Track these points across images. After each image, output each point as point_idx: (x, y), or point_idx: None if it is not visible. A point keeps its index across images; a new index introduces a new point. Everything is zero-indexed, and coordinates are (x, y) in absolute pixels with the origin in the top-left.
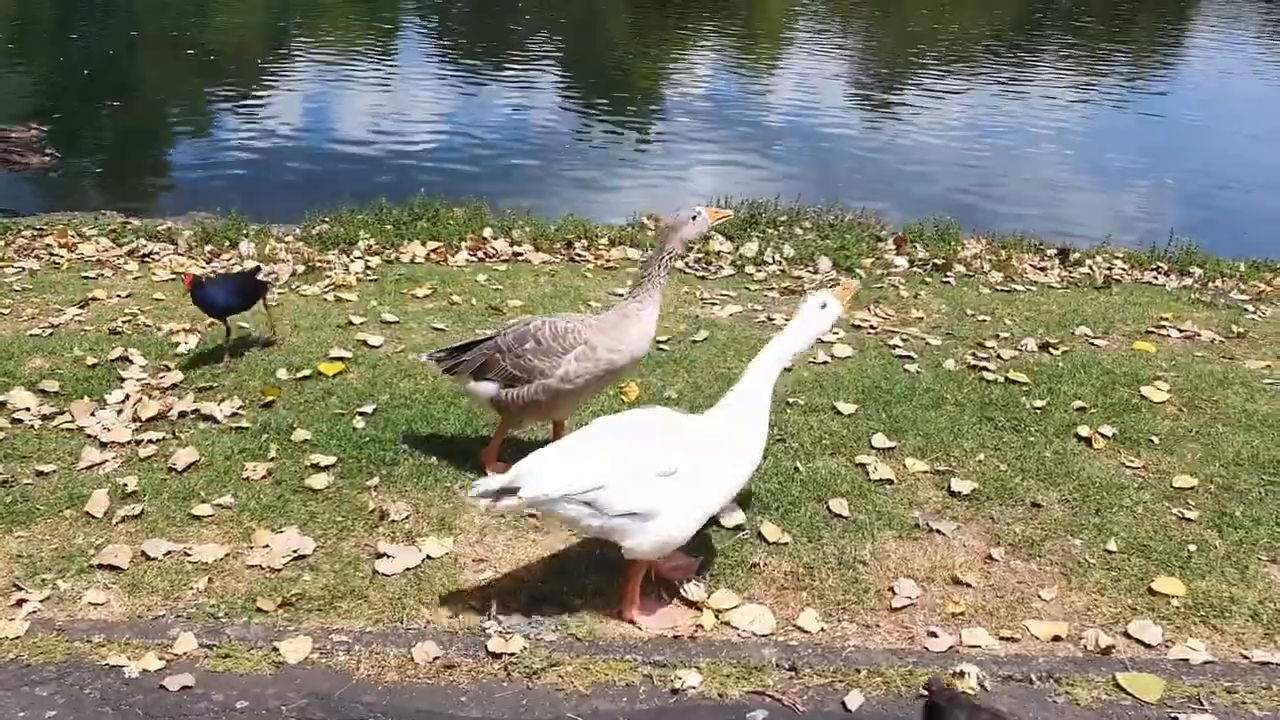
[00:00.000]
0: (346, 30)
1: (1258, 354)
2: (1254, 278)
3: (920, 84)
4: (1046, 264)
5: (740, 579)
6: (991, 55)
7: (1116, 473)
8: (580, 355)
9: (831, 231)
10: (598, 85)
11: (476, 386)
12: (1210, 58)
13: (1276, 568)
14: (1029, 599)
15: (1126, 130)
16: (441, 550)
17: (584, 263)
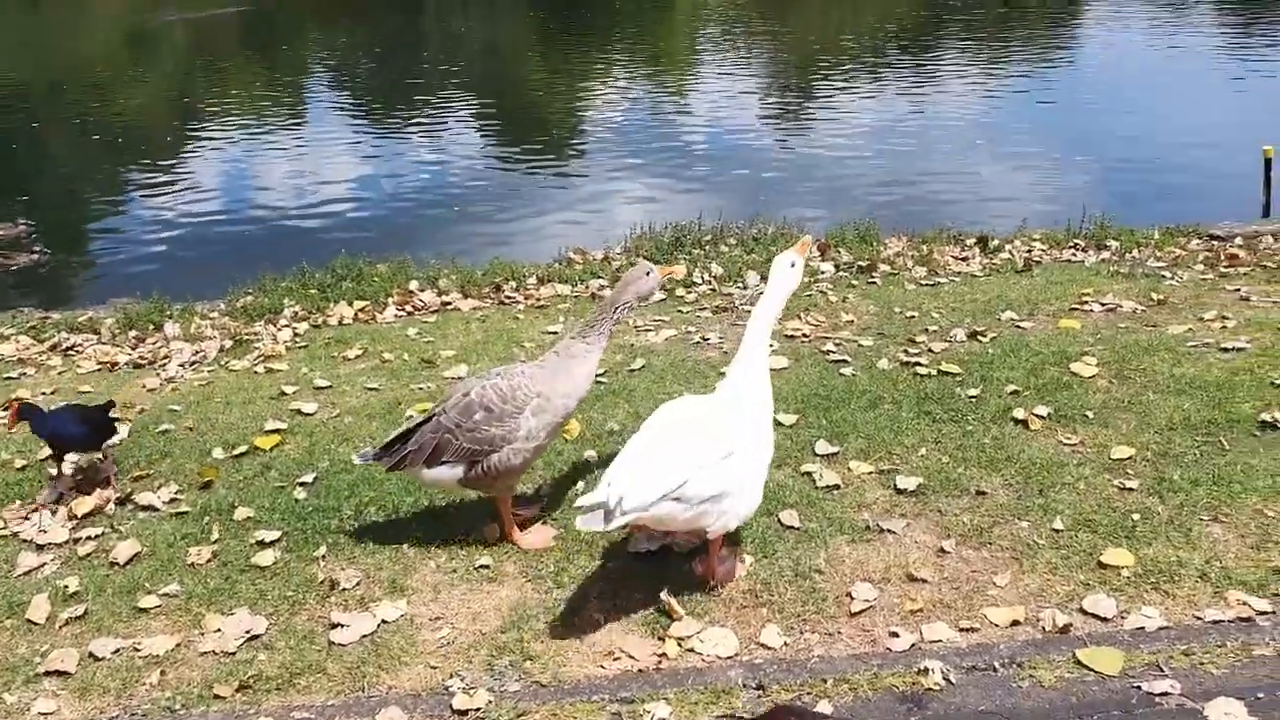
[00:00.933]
0: (251, 98)
1: (1179, 319)
2: (1168, 244)
3: (827, 93)
4: (967, 254)
5: (699, 603)
6: (891, 58)
7: (1055, 451)
8: (536, 409)
9: (756, 245)
10: (510, 125)
11: (435, 474)
12: (1101, 43)
13: (1219, 526)
14: (984, 587)
15: (1028, 117)
16: (396, 613)
17: (514, 304)
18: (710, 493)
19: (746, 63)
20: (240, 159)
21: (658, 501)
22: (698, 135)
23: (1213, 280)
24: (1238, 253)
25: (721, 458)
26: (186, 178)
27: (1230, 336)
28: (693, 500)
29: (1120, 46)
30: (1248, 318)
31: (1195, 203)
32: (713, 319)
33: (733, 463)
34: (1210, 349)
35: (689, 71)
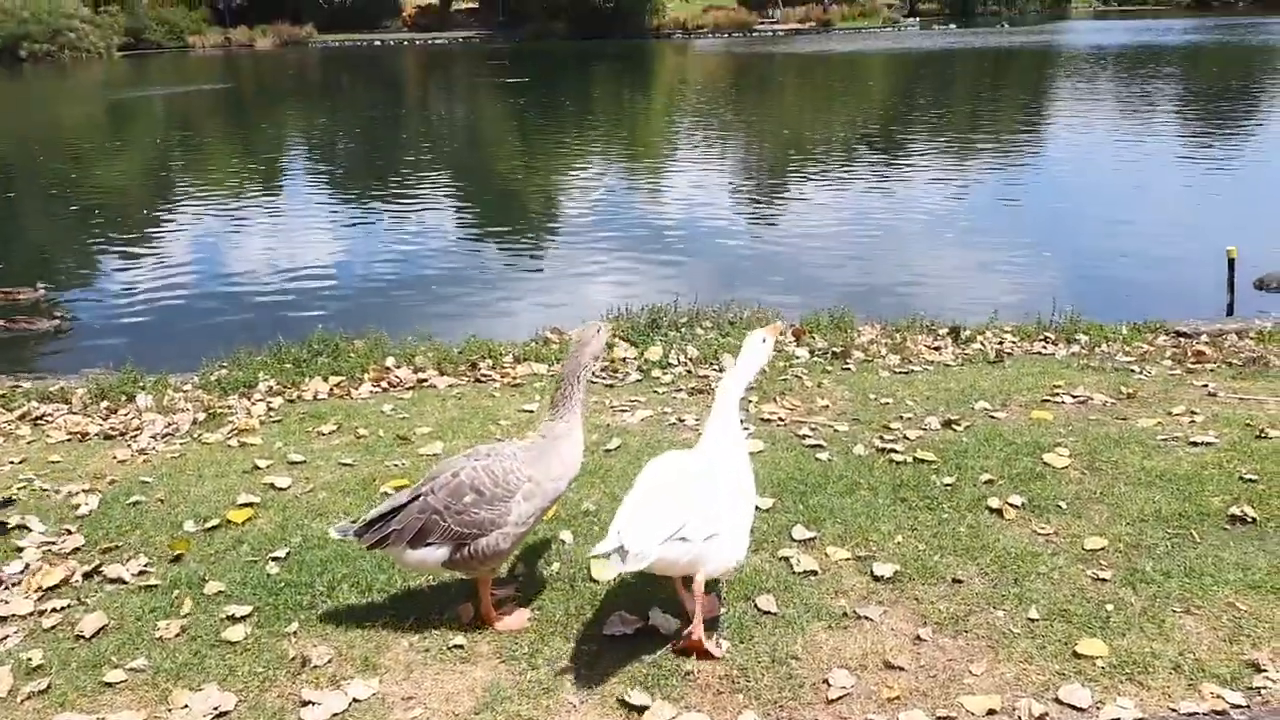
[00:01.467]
0: (229, 173)
1: (1149, 412)
2: (1136, 339)
3: (800, 183)
4: (940, 343)
5: (675, 687)
6: (863, 151)
7: (1030, 541)
8: (528, 494)
9: (732, 329)
10: (488, 207)
11: (420, 555)
12: (1066, 143)
13: (1191, 618)
14: (960, 675)
15: (997, 213)
16: (368, 692)
17: (491, 382)
18: (707, 533)
19: (721, 152)
20: (217, 233)
21: (665, 542)
22: (673, 221)
23: (1180, 376)
24: (1204, 350)
25: (714, 502)
26: (162, 250)
27: (1199, 431)
28: (695, 539)
29: (1085, 147)
30: (1215, 413)
31: (1161, 300)
32: (688, 400)
33: (723, 507)
34: (1179, 443)
35: (664, 159)
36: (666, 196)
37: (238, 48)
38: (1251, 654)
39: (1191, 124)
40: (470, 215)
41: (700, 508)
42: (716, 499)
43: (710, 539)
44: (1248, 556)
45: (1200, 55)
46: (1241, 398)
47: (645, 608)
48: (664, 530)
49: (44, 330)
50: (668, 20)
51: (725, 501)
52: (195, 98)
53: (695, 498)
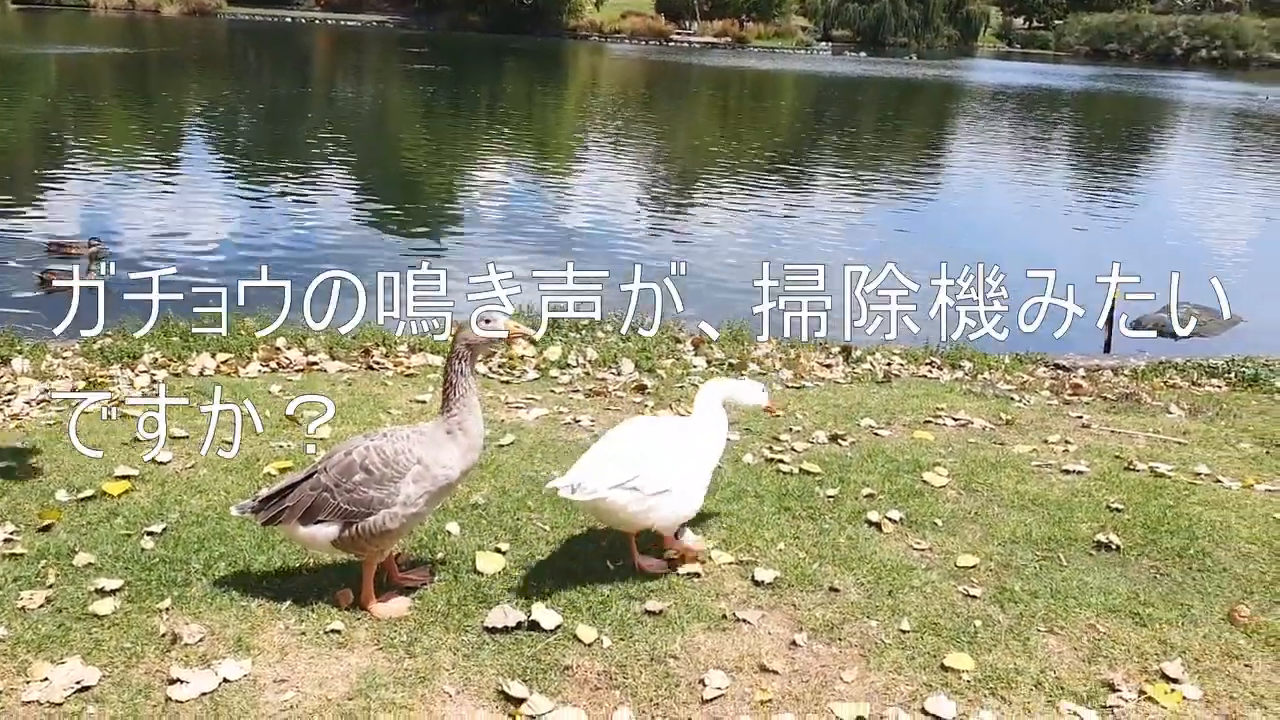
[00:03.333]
0: (125, 138)
1: (1025, 439)
2: (1017, 369)
3: (708, 194)
4: (832, 361)
5: (554, 682)
6: (771, 169)
7: (905, 555)
8: (417, 476)
9: (632, 334)
10: (390, 193)
11: (310, 532)
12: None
13: (1054, 638)
14: (832, 681)
15: (896, 238)
16: (239, 672)
17: (383, 370)
18: (662, 486)
19: (631, 158)
20: (106, 198)
21: (614, 488)
22: (579, 222)
23: (1057, 406)
24: (1081, 383)
25: (668, 461)
26: (47, 213)
27: (1071, 460)
28: (645, 491)
29: (980, 181)
30: (1087, 443)
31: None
32: (586, 402)
33: (678, 468)
34: (1053, 470)
35: (574, 160)
36: (574, 198)
37: (142, 12)
38: (1108, 674)
39: (1082, 166)
40: (373, 202)
41: (654, 465)
42: (672, 460)
43: (660, 494)
44: (1109, 581)
45: (1094, 101)
46: (1113, 431)
47: (529, 602)
48: (617, 477)
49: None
50: (584, 22)
51: (681, 463)
52: (93, 60)
53: (651, 455)
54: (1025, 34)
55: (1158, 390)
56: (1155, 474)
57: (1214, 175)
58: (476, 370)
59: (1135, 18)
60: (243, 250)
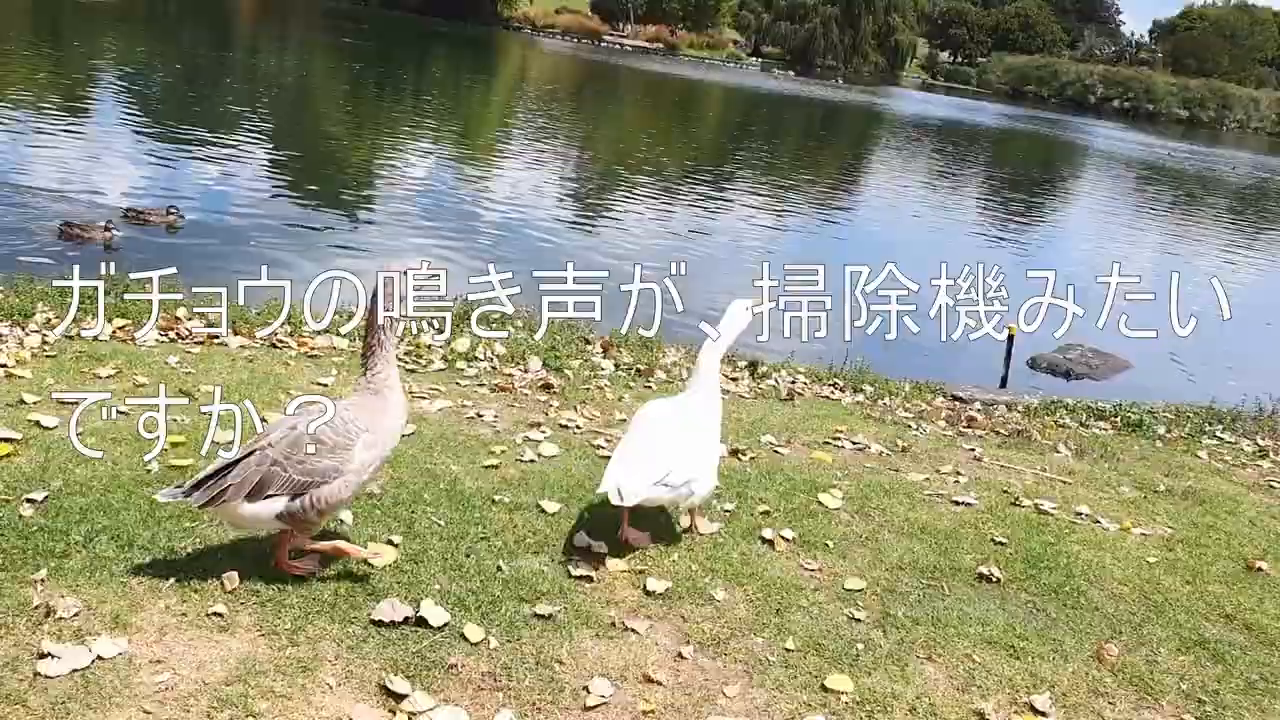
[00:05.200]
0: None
1: (919, 467)
2: (917, 397)
3: (629, 197)
4: (738, 375)
5: (437, 680)
6: (692, 176)
7: (796, 574)
8: (367, 443)
9: (548, 335)
10: (309, 168)
11: (255, 509)
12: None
13: (931, 665)
14: (714, 696)
15: (808, 255)
16: (115, 650)
17: (286, 349)
18: (690, 476)
19: (554, 155)
20: (5, 151)
21: (653, 486)
22: (497, 215)
23: (951, 437)
24: (976, 416)
25: (692, 453)
26: None
27: (961, 491)
28: (675, 484)
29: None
30: (978, 476)
31: (942, 364)
32: (491, 396)
33: (701, 452)
34: (943, 499)
35: (497, 152)
36: (494, 190)
37: None
38: (979, 704)
39: (991, 201)
40: (288, 175)
41: (681, 459)
42: (695, 451)
43: (687, 483)
44: (988, 613)
45: (1009, 140)
46: (1003, 465)
47: (418, 597)
48: (652, 477)
49: (97, 241)
50: (519, 14)
51: (702, 452)
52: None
53: (678, 450)
54: (949, 68)
55: (1048, 429)
56: (1039, 511)
57: (1114, 221)
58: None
59: (1055, 62)
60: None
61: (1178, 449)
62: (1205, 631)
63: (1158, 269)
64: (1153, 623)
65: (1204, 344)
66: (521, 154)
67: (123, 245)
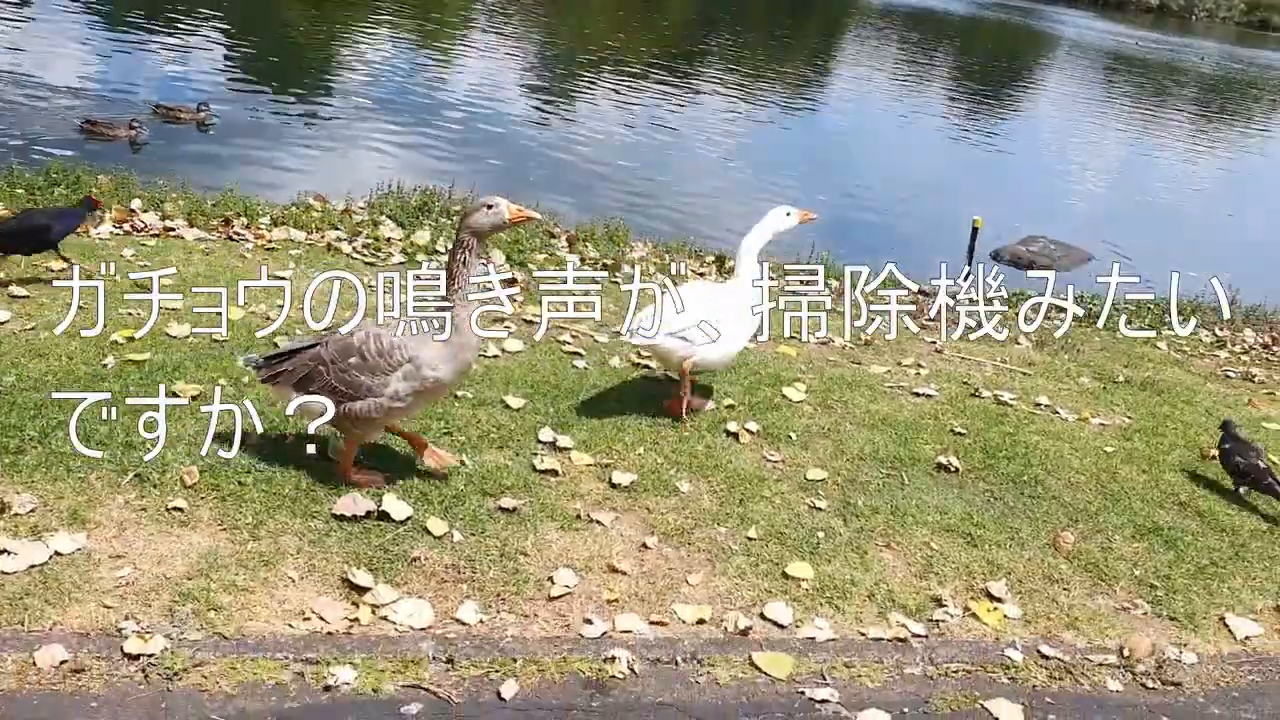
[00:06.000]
0: None
1: (881, 360)
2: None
3: (592, 90)
4: (705, 270)
5: (400, 573)
6: (660, 68)
7: (759, 466)
8: (407, 374)
9: None
10: (264, 53)
11: (303, 400)
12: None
13: (890, 553)
14: (678, 585)
15: (777, 150)
16: (73, 546)
17: (243, 242)
18: (704, 340)
19: (516, 46)
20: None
21: (667, 335)
22: (459, 107)
23: (914, 330)
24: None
25: (715, 318)
26: None
27: (922, 383)
28: (693, 341)
29: (861, 101)
30: (939, 368)
31: (907, 257)
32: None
33: (720, 324)
34: (904, 392)
35: (458, 43)
36: (455, 81)
37: None
38: (937, 590)
39: (959, 93)
40: (242, 59)
41: (703, 321)
42: (716, 317)
43: (703, 345)
44: (946, 502)
45: (976, 29)
46: (964, 357)
47: (380, 491)
48: (670, 328)
49: (122, 138)
50: None
51: (723, 321)
52: None
53: (700, 313)
54: None
55: (1009, 320)
56: (999, 402)
57: (1081, 113)
58: (478, 261)
59: None
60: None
61: (1138, 340)
62: (1159, 519)
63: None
64: (1108, 511)
65: (1166, 234)
66: (485, 44)
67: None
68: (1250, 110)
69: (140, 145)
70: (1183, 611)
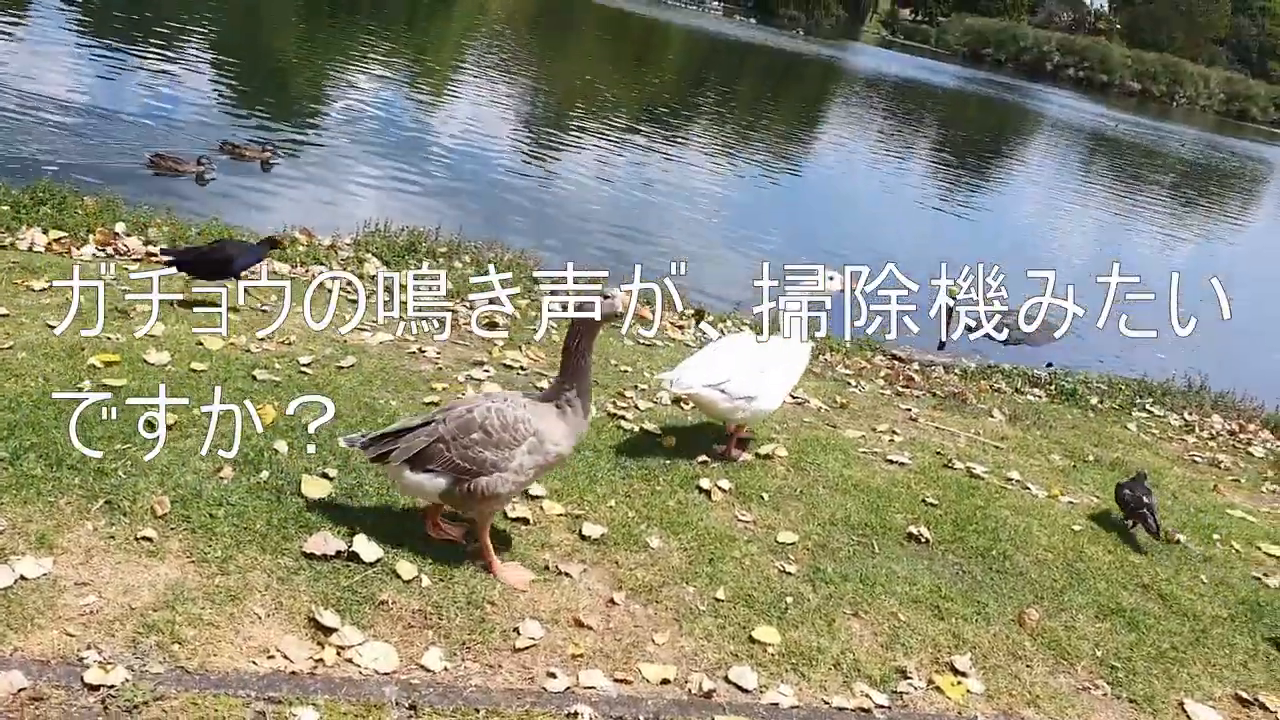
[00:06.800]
0: None
1: (856, 425)
2: (857, 354)
3: (583, 135)
4: (684, 323)
5: (367, 616)
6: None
7: (730, 525)
8: (531, 447)
9: (491, 269)
10: (258, 86)
11: (418, 479)
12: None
13: (857, 621)
14: (644, 643)
15: (762, 207)
16: (39, 571)
17: None
18: (747, 393)
19: (509, 89)
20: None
21: (706, 387)
22: (448, 146)
23: (889, 396)
24: (914, 376)
25: (755, 374)
26: None
27: (895, 450)
28: (731, 394)
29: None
30: (912, 436)
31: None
32: (434, 332)
33: (764, 377)
34: (878, 458)
35: (450, 84)
36: (446, 122)
37: None
38: (902, 661)
39: (942, 164)
40: (233, 91)
41: (746, 374)
42: (758, 371)
43: (745, 398)
44: (915, 573)
45: (963, 102)
46: (938, 426)
47: (351, 531)
48: (710, 379)
49: (190, 173)
50: None
51: (772, 377)
52: None
53: (741, 367)
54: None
55: (983, 393)
56: (971, 474)
57: (1061, 190)
58: (593, 348)
59: (1014, 27)
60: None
61: (1108, 419)
62: (1123, 600)
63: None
64: (1073, 589)
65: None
66: (476, 86)
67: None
68: (1224, 197)
69: (208, 181)
70: (1142, 694)
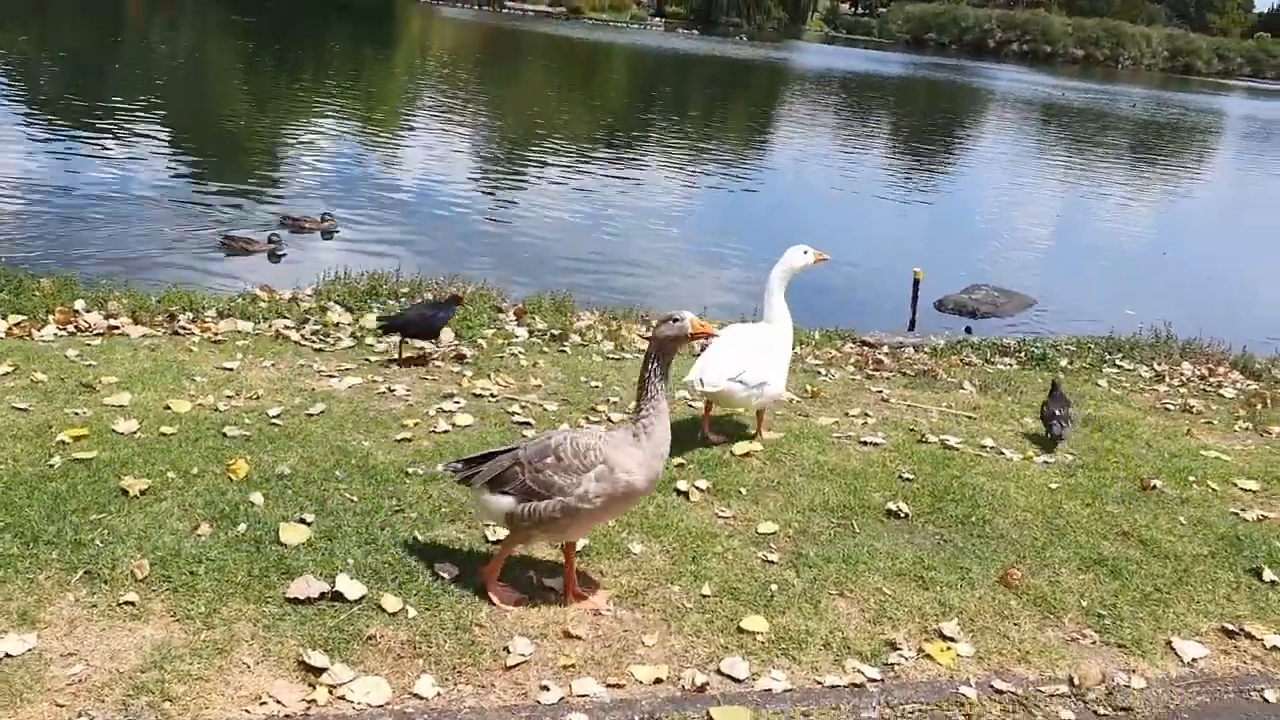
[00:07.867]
0: None
1: (828, 412)
2: (826, 345)
3: (538, 164)
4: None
5: (356, 652)
6: (601, 140)
7: (710, 522)
8: (600, 475)
9: None
10: (206, 149)
11: (492, 499)
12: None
13: (843, 601)
14: (634, 646)
15: (718, 216)
16: (23, 647)
17: (189, 336)
18: (763, 379)
19: (461, 125)
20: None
21: (729, 380)
22: (404, 189)
23: (860, 381)
24: (883, 359)
25: (764, 359)
26: None
27: (869, 432)
28: (750, 383)
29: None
30: (885, 416)
31: (852, 311)
32: (401, 371)
33: (771, 363)
34: (851, 441)
35: (401, 125)
36: (399, 163)
37: None
38: (891, 634)
39: (898, 151)
40: (184, 156)
41: (754, 362)
42: (765, 359)
43: (759, 385)
44: (897, 547)
45: (911, 89)
46: (910, 405)
47: (333, 573)
48: (730, 373)
49: (261, 251)
50: None
51: (772, 360)
52: None
53: (751, 357)
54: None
55: (953, 367)
56: (945, 446)
57: (1018, 164)
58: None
59: (954, 9)
60: (40, 204)
61: (1080, 379)
62: (1104, 550)
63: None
64: (1055, 545)
65: (1105, 276)
66: (428, 125)
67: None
68: (1179, 151)
69: (280, 256)
70: (1130, 638)
